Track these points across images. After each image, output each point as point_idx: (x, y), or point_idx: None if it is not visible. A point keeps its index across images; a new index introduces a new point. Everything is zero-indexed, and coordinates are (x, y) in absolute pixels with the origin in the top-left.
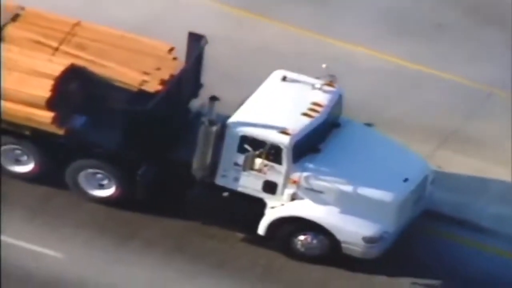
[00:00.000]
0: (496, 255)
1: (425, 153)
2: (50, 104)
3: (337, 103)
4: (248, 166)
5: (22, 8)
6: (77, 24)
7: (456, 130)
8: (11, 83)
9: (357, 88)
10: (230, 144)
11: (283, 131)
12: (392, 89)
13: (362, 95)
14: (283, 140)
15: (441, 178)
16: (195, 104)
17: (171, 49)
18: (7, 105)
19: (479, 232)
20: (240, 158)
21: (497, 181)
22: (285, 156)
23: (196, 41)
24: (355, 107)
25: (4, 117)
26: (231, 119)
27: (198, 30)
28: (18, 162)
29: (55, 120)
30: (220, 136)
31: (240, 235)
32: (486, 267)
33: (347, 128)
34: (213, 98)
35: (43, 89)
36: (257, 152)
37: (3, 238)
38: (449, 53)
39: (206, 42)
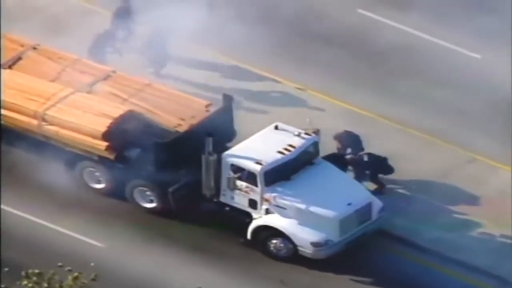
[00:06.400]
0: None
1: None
2: (105, 136)
3: (312, 147)
4: (231, 186)
5: (114, 71)
6: (148, 84)
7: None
8: (83, 120)
9: None
10: (224, 171)
11: (258, 162)
12: None
13: None
14: (256, 168)
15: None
16: None
17: (208, 105)
18: (79, 136)
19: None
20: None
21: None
22: (259, 180)
23: (226, 100)
24: None
25: (77, 146)
26: (226, 152)
27: None
28: (97, 181)
29: (108, 148)
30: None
31: (240, 239)
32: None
33: (318, 166)
34: (209, 135)
35: (102, 125)
36: (236, 176)
37: (64, 231)
38: None
39: (233, 100)
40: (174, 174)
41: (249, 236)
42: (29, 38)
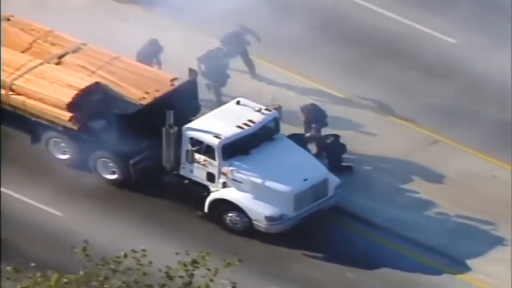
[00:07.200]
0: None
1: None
2: (70, 107)
3: (272, 123)
4: (190, 159)
5: (84, 44)
6: (117, 57)
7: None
8: (49, 91)
9: None
10: (184, 144)
11: (216, 136)
12: None
13: None
14: (214, 142)
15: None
16: None
17: (173, 79)
18: (44, 106)
19: (379, 229)
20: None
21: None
22: (216, 154)
23: (191, 74)
24: None
25: (42, 116)
26: (185, 126)
27: None
28: (62, 152)
29: (72, 119)
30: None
31: (198, 212)
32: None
33: (278, 142)
34: (170, 109)
35: (67, 96)
36: (194, 149)
37: (25, 199)
38: None
39: (197, 75)
40: (136, 146)
41: (206, 209)
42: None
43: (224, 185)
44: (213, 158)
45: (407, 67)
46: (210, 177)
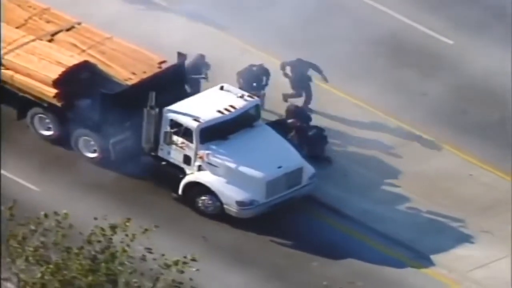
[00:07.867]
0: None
1: None
2: (56, 84)
3: (253, 109)
4: (168, 140)
5: (79, 23)
6: (109, 38)
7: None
8: (37, 67)
9: None
10: (164, 125)
11: (195, 119)
12: None
13: None
14: (193, 125)
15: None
16: None
17: (162, 61)
18: (31, 82)
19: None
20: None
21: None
22: (194, 137)
23: (179, 58)
24: None
25: (28, 91)
26: (166, 108)
27: None
28: (46, 128)
29: (56, 95)
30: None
31: (173, 194)
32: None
33: (257, 129)
34: (156, 91)
35: (54, 73)
36: (172, 130)
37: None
38: None
39: (185, 59)
40: (118, 126)
41: (180, 191)
42: None
43: (200, 168)
44: (191, 141)
45: (402, 64)
46: (187, 159)
